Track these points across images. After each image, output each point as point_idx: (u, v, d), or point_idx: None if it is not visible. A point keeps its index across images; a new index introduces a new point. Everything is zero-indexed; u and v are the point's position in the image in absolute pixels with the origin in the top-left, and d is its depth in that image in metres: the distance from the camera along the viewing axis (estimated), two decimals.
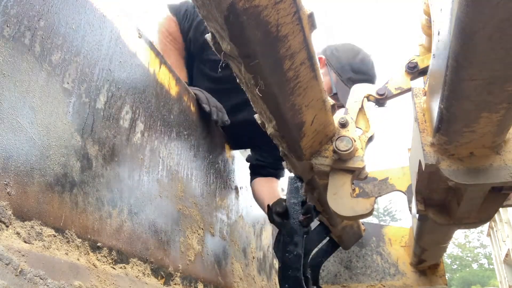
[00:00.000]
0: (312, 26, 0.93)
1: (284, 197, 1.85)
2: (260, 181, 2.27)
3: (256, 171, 2.30)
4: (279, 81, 0.98)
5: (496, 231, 10.49)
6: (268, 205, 1.84)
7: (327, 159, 1.37)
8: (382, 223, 15.18)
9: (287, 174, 1.86)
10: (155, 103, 1.39)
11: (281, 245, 1.72)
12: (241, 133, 2.15)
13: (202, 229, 1.70)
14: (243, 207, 2.30)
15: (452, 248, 38.01)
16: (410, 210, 2.10)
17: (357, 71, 1.99)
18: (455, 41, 0.69)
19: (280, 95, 1.03)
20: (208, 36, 0.94)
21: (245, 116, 1.96)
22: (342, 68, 2.00)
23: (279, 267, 1.73)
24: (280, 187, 2.38)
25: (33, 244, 0.82)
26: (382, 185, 2.44)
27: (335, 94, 2.01)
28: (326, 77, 2.00)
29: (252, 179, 2.30)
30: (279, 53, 0.90)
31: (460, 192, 1.14)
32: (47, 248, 0.86)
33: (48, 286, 0.79)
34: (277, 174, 2.31)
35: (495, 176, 0.97)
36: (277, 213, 1.76)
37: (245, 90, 1.07)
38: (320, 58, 2.02)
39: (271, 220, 1.81)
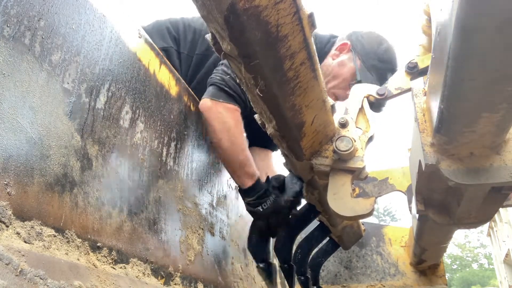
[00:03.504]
0: (312, 26, 0.93)
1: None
2: (255, 150, 2.22)
3: (251, 141, 2.22)
4: (279, 81, 0.98)
5: (496, 231, 10.49)
6: (268, 177, 1.83)
7: (327, 159, 1.37)
8: (382, 223, 15.18)
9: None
10: (155, 103, 1.39)
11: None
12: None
13: (202, 229, 1.70)
14: (243, 207, 2.29)
15: (452, 248, 38.05)
16: (410, 210, 2.10)
17: (381, 59, 1.98)
18: (455, 41, 0.69)
19: (280, 95, 1.03)
20: (208, 36, 0.94)
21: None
22: (367, 55, 1.99)
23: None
24: (274, 160, 2.38)
25: (33, 244, 0.82)
26: (382, 185, 2.44)
27: (359, 81, 1.95)
28: (350, 63, 1.99)
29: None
30: (279, 53, 0.90)
31: (460, 192, 1.14)
32: (47, 248, 0.86)
33: (48, 286, 0.79)
34: (273, 145, 2.28)
35: (495, 176, 0.97)
36: (273, 186, 1.76)
37: (245, 90, 1.07)
38: (345, 44, 2.01)
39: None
